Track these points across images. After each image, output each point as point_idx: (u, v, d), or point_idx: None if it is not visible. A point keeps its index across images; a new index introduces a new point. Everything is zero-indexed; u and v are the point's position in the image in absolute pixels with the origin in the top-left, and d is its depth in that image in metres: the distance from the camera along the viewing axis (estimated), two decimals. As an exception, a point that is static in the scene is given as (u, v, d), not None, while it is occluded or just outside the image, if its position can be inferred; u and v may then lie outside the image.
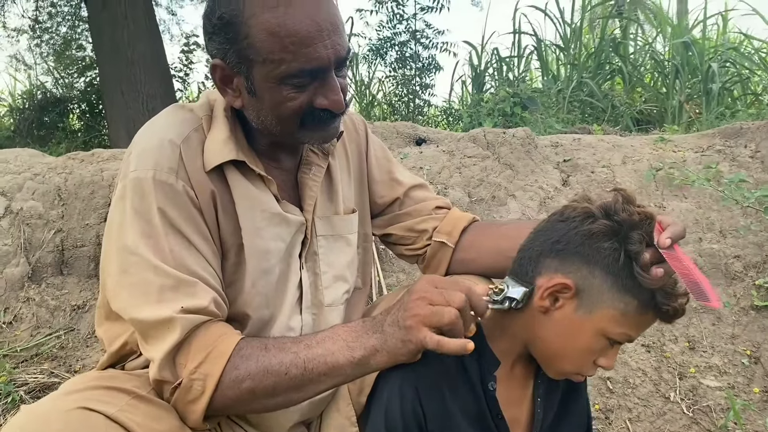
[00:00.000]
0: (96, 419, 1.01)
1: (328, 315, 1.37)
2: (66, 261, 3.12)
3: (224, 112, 1.27)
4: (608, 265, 1.02)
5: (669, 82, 6.29)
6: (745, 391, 2.46)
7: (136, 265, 1.13)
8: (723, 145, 3.40)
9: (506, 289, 1.10)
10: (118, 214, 1.18)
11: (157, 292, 1.12)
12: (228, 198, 1.24)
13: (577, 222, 1.06)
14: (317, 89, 1.17)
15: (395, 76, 7.27)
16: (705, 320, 2.69)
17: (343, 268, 1.41)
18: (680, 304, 1.03)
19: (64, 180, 3.28)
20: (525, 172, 3.35)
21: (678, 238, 1.05)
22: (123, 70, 6.20)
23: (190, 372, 1.09)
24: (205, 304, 1.12)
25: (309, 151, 1.37)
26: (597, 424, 2.37)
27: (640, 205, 1.06)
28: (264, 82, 1.16)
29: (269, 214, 1.27)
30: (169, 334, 1.10)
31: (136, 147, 1.22)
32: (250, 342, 1.13)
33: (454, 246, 1.50)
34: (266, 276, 1.27)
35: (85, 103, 8.15)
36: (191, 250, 1.17)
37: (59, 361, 2.77)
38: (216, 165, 1.21)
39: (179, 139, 1.21)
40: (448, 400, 1.10)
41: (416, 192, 1.58)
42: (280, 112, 1.18)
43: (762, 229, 2.89)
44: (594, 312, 1.04)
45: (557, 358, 1.11)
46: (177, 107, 1.31)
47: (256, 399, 1.11)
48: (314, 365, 1.08)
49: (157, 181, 1.16)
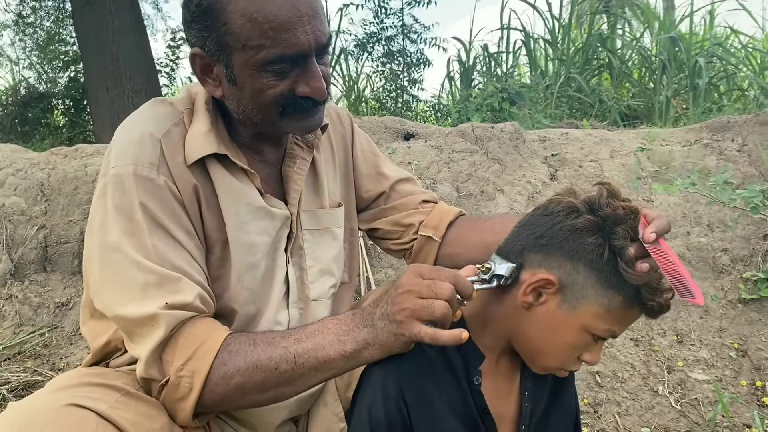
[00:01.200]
0: (87, 416, 0.99)
1: (315, 309, 1.35)
2: (49, 257, 3.08)
3: (205, 105, 1.25)
4: (592, 260, 1.00)
5: (656, 78, 6.32)
6: (733, 384, 2.47)
7: (119, 262, 1.11)
8: (710, 139, 3.40)
9: (493, 267, 1.08)
10: (100, 212, 1.16)
11: (141, 289, 1.10)
12: (211, 192, 1.22)
13: (561, 216, 1.04)
14: (298, 76, 1.15)
15: (383, 71, 7.24)
16: (693, 314, 2.69)
17: (330, 262, 1.39)
18: (665, 300, 1.01)
19: (47, 176, 3.24)
20: (513, 166, 3.34)
21: (663, 233, 1.03)
22: (107, 66, 6.12)
23: (177, 369, 1.07)
24: (189, 300, 1.10)
25: (293, 144, 1.35)
26: (586, 418, 2.37)
27: (624, 200, 1.04)
28: (244, 70, 1.14)
29: (253, 207, 1.25)
30: (154, 331, 1.08)
31: (116, 143, 1.20)
32: (237, 337, 1.11)
33: (441, 240, 1.48)
34: (252, 271, 1.25)
35: (70, 99, 8.06)
36: (175, 245, 1.15)
37: (43, 359, 2.73)
38: (197, 159, 1.19)
39: (160, 133, 1.19)
40: (433, 396, 1.09)
41: (403, 186, 1.56)
42: (261, 100, 1.16)
43: (749, 223, 2.89)
44: (578, 308, 1.02)
45: (540, 354, 1.10)
46: (157, 101, 1.29)
47: (245, 395, 1.09)
48: (305, 360, 1.07)
49: (138, 176, 1.14)
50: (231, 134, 1.27)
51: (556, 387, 1.23)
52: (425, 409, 1.08)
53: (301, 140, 1.36)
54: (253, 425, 1.30)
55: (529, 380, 1.17)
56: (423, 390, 1.08)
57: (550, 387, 1.22)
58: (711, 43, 6.71)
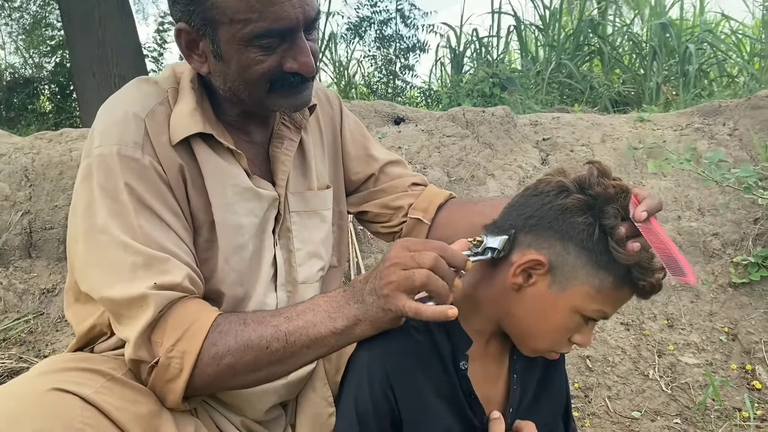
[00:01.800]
0: (71, 401, 0.97)
1: (303, 292, 1.33)
2: (34, 244, 3.04)
3: (190, 84, 1.22)
4: (583, 240, 0.98)
5: (647, 64, 6.31)
6: (723, 368, 2.47)
7: (106, 243, 1.09)
8: (701, 123, 3.39)
9: (485, 239, 1.06)
10: (85, 193, 1.13)
11: (129, 270, 1.07)
12: (197, 173, 1.19)
13: (551, 196, 1.02)
14: (286, 51, 1.13)
15: (375, 56, 7.19)
16: (683, 298, 2.69)
17: (318, 245, 1.37)
18: (657, 279, 0.99)
19: (32, 160, 3.19)
20: (504, 151, 3.32)
21: (654, 211, 1.01)
22: (94, 51, 6.03)
23: (167, 350, 1.05)
24: (178, 280, 1.08)
25: (281, 125, 1.33)
26: (576, 402, 2.36)
27: (615, 178, 1.02)
28: (230, 45, 1.11)
29: (240, 188, 1.22)
30: (142, 312, 1.06)
31: (99, 123, 1.17)
32: (228, 317, 1.09)
33: (430, 223, 1.46)
34: (240, 252, 1.23)
35: (56, 84, 7.97)
36: (162, 226, 1.12)
37: (28, 345, 2.70)
38: (182, 138, 1.17)
39: (144, 112, 1.16)
40: (420, 381, 1.07)
41: (392, 168, 1.54)
42: (248, 76, 1.14)
43: (740, 207, 2.89)
44: (568, 289, 1.00)
45: (531, 336, 1.08)
46: (141, 80, 1.26)
47: (237, 375, 1.07)
48: (296, 338, 1.05)
49: (122, 156, 1.11)
50: (217, 114, 1.24)
51: (546, 370, 1.21)
52: (412, 394, 1.07)
53: (289, 121, 1.34)
54: (241, 410, 1.28)
55: (519, 363, 1.16)
56: (410, 375, 1.07)
57: (541, 370, 1.21)
58: (701, 29, 6.70)
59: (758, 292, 2.66)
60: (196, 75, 1.23)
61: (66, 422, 0.94)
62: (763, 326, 2.55)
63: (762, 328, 2.55)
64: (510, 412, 1.14)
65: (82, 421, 0.96)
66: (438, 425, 1.08)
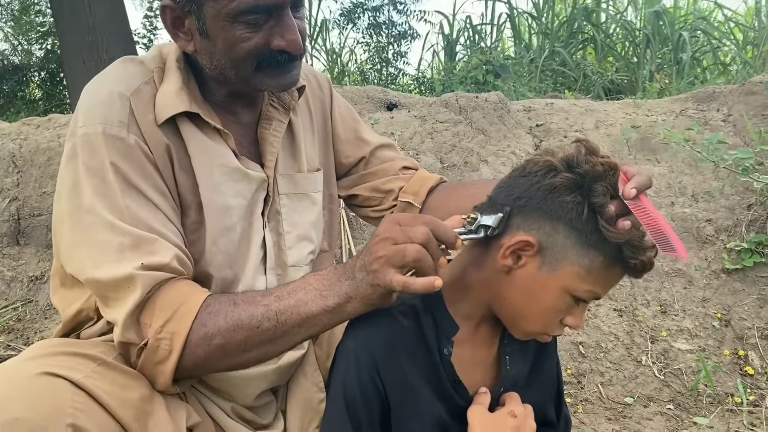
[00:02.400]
0: (61, 385, 0.95)
1: (294, 276, 1.31)
2: (22, 231, 3.01)
3: (176, 63, 1.20)
4: (572, 219, 0.97)
5: (640, 52, 6.29)
6: (716, 354, 2.47)
7: (92, 224, 1.07)
8: (695, 110, 3.38)
9: (479, 217, 1.03)
10: (70, 174, 1.11)
11: (116, 251, 1.06)
12: (183, 153, 1.17)
13: (539, 176, 1.00)
14: (273, 29, 1.11)
15: (368, 42, 7.15)
16: (677, 284, 2.69)
17: (308, 228, 1.35)
18: (648, 258, 0.97)
19: (19, 147, 3.15)
20: (497, 137, 3.30)
21: (644, 189, 1.00)
22: (83, 37, 5.96)
23: (156, 331, 1.04)
24: (166, 261, 1.07)
25: (269, 106, 1.31)
26: (569, 388, 2.36)
27: (603, 156, 1.00)
28: (216, 21, 1.09)
29: (228, 169, 1.20)
30: (130, 294, 1.04)
31: (84, 103, 1.15)
32: (217, 298, 1.08)
33: (421, 206, 1.44)
34: (228, 234, 1.21)
35: (45, 71, 7.88)
36: (149, 206, 1.11)
37: (16, 333, 2.67)
38: (168, 118, 1.15)
39: (128, 91, 1.14)
40: (407, 367, 1.06)
41: (383, 152, 1.52)
42: (235, 54, 1.12)
43: (733, 193, 2.89)
44: (558, 269, 0.99)
45: (522, 319, 1.06)
46: (126, 60, 1.24)
47: (227, 355, 1.06)
48: (287, 317, 1.04)
49: (107, 135, 1.09)
50: (204, 94, 1.22)
51: (537, 355, 1.20)
52: (399, 380, 1.06)
53: (277, 102, 1.32)
54: (231, 396, 1.27)
55: (510, 346, 1.14)
56: (397, 361, 1.06)
57: (532, 354, 1.19)
58: (695, 17, 6.68)
59: (751, 278, 2.66)
60: (182, 55, 1.21)
61: (55, 406, 0.93)
62: (755, 312, 2.56)
63: (755, 314, 2.55)
64: (501, 393, 1.12)
65: (72, 405, 0.94)
66: (426, 411, 1.07)
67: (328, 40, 7.48)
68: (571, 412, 2.21)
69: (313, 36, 7.44)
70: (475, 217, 1.03)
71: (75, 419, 0.93)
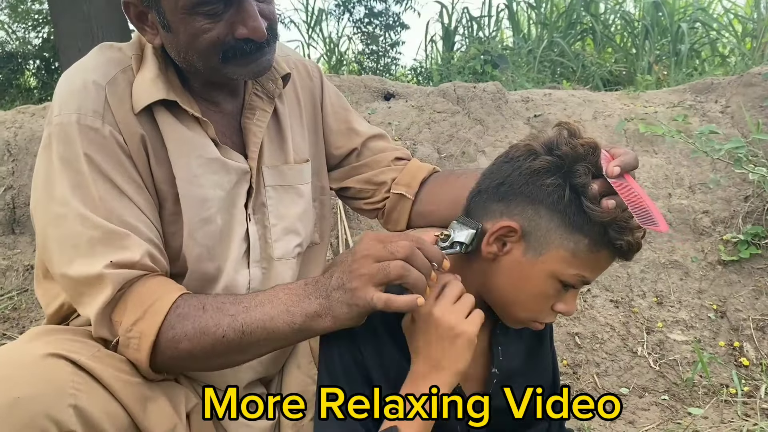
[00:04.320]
0: (63, 366, 0.96)
1: (280, 269, 1.29)
2: (18, 219, 2.99)
3: (153, 50, 1.19)
4: (553, 202, 0.97)
5: (639, 43, 6.26)
6: (711, 345, 2.47)
7: (64, 217, 1.07)
8: (694, 101, 3.37)
9: (452, 234, 1.04)
10: (44, 164, 1.11)
11: (87, 245, 1.05)
12: (160, 144, 1.16)
13: (520, 161, 1.00)
14: (234, 17, 1.09)
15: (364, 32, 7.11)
16: (673, 275, 2.69)
17: (294, 221, 1.33)
18: (636, 238, 0.97)
19: (14, 135, 3.13)
20: (495, 127, 3.29)
21: (629, 168, 0.99)
22: (79, 25, 5.92)
23: (126, 330, 1.04)
24: (136, 258, 1.06)
25: (252, 95, 1.28)
26: (565, 378, 2.36)
27: (584, 137, 0.99)
28: (174, 14, 1.08)
29: (205, 159, 1.18)
30: (100, 291, 1.04)
31: (59, 91, 1.14)
32: (187, 300, 1.07)
33: (414, 198, 1.42)
34: (205, 226, 1.19)
35: (41, 60, 7.82)
36: (123, 199, 1.10)
37: (12, 322, 2.67)
38: (145, 106, 1.13)
39: (104, 80, 1.13)
40: (388, 345, 1.07)
41: (375, 142, 1.50)
42: (198, 46, 1.10)
43: (730, 185, 2.88)
44: (543, 254, 0.99)
45: (511, 306, 1.06)
46: (104, 46, 1.22)
47: (195, 359, 1.06)
48: (252, 329, 1.03)
49: (81, 125, 1.09)
50: (183, 83, 1.20)
51: (531, 346, 1.20)
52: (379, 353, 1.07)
53: (261, 91, 1.29)
54: (220, 384, 1.26)
55: (502, 337, 1.14)
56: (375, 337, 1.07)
57: (526, 345, 1.19)
58: (694, 9, 6.65)
59: (747, 269, 2.66)
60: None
61: (57, 387, 0.93)
62: (751, 303, 2.56)
63: (750, 306, 2.55)
64: (494, 384, 1.12)
65: (73, 386, 0.94)
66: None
67: (326, 29, 7.44)
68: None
69: (311, 24, 7.40)
70: (448, 234, 1.04)
71: (77, 400, 0.93)
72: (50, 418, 0.90)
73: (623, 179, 0.97)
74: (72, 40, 6.00)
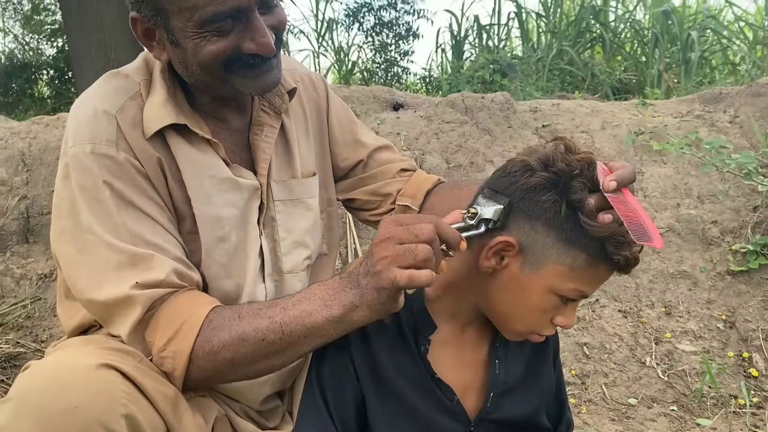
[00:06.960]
0: (114, 376, 0.97)
1: (290, 282, 1.31)
2: (31, 228, 3.03)
3: (161, 74, 1.20)
4: (550, 218, 0.97)
5: (648, 51, 6.26)
6: (720, 356, 2.47)
7: (91, 243, 1.09)
8: (702, 111, 3.37)
9: (479, 211, 1.02)
10: (67, 194, 1.13)
11: (114, 270, 1.07)
12: (175, 166, 1.18)
13: (517, 176, 1.01)
14: (242, 33, 1.10)
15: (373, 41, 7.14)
16: (681, 286, 2.69)
17: (303, 234, 1.34)
18: (633, 253, 0.97)
19: (29, 145, 3.17)
20: (503, 137, 3.30)
21: (626, 182, 0.98)
22: (92, 36, 5.97)
23: (159, 350, 1.06)
24: (161, 277, 1.08)
25: (260, 111, 1.30)
26: (573, 389, 2.36)
27: (581, 152, 1.00)
28: (184, 32, 1.09)
29: (218, 179, 1.20)
30: (130, 313, 1.06)
31: (71, 122, 1.16)
32: (221, 312, 1.08)
33: (419, 209, 1.43)
34: (221, 244, 1.21)
35: (54, 70, 7.91)
36: (146, 219, 1.12)
37: (25, 330, 2.70)
38: (156, 131, 1.15)
39: (114, 109, 1.15)
40: (384, 362, 1.08)
41: (381, 154, 1.51)
42: (201, 59, 1.11)
43: (739, 195, 2.88)
44: (540, 269, 0.99)
45: (510, 319, 1.06)
46: (111, 75, 1.24)
47: (236, 367, 1.07)
48: (292, 328, 1.04)
49: (96, 154, 1.11)
50: (191, 103, 1.22)
51: (532, 358, 1.19)
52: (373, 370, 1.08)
53: (268, 106, 1.30)
54: (238, 398, 1.28)
55: (502, 349, 1.14)
56: (370, 354, 1.08)
57: (527, 358, 1.19)
58: (704, 16, 6.64)
59: (756, 280, 2.65)
60: (166, 64, 1.20)
61: (111, 397, 0.95)
62: (760, 314, 2.55)
63: (759, 316, 2.55)
64: (491, 397, 1.12)
65: (125, 396, 0.96)
66: (412, 406, 1.08)
67: (336, 39, 7.48)
68: (575, 413, 2.22)
69: (321, 34, 7.44)
70: (475, 212, 1.02)
71: (128, 410, 0.95)
72: (104, 426, 0.92)
73: (620, 193, 0.97)
74: (85, 50, 6.07)
